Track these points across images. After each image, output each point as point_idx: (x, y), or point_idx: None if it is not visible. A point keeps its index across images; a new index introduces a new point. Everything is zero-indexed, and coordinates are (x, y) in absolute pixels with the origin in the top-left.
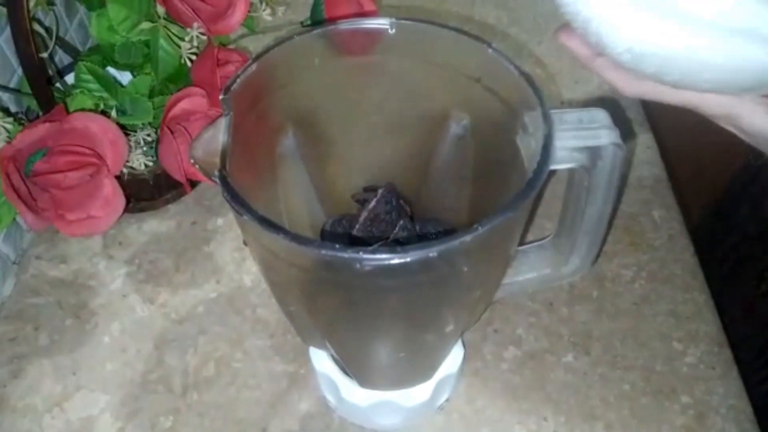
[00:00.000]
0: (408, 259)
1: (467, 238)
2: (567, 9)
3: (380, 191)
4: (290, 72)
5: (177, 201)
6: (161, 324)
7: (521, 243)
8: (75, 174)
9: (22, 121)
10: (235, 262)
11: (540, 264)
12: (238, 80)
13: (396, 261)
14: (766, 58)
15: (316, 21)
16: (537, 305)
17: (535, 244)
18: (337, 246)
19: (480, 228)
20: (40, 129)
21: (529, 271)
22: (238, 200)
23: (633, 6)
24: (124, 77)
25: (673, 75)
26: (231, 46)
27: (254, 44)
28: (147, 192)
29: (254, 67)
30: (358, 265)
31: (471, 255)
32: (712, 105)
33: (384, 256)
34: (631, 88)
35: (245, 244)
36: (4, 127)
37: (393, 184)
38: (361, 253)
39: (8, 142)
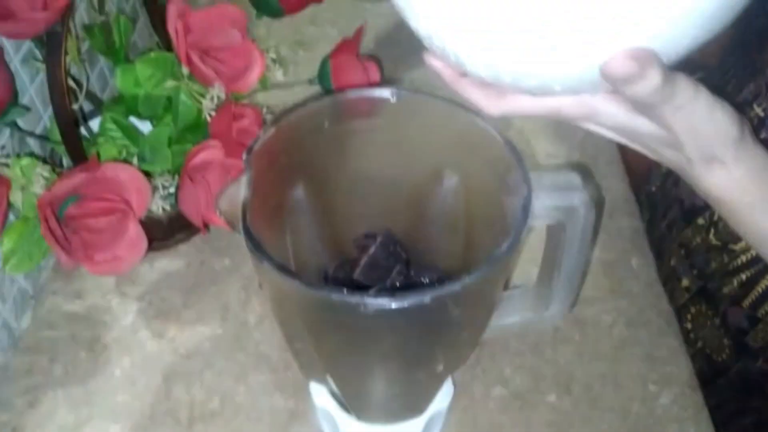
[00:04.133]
0: (405, 304)
1: (456, 287)
2: (421, 35)
3: (379, 238)
4: (303, 134)
5: (187, 241)
6: (170, 358)
7: (506, 287)
8: (104, 218)
9: (53, 167)
10: (240, 301)
11: (523, 308)
12: (259, 142)
13: (394, 305)
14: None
15: (323, 80)
16: (523, 347)
17: (519, 289)
18: (345, 291)
19: (467, 278)
20: (76, 178)
21: (513, 314)
22: (260, 249)
23: (473, 30)
24: (145, 125)
25: (529, 82)
26: (245, 101)
27: (266, 98)
28: (161, 232)
29: (273, 130)
30: (362, 308)
31: (460, 301)
32: (570, 107)
33: (384, 301)
34: (494, 108)
35: (260, 286)
36: (42, 176)
37: (391, 232)
38: (365, 298)
39: (46, 189)
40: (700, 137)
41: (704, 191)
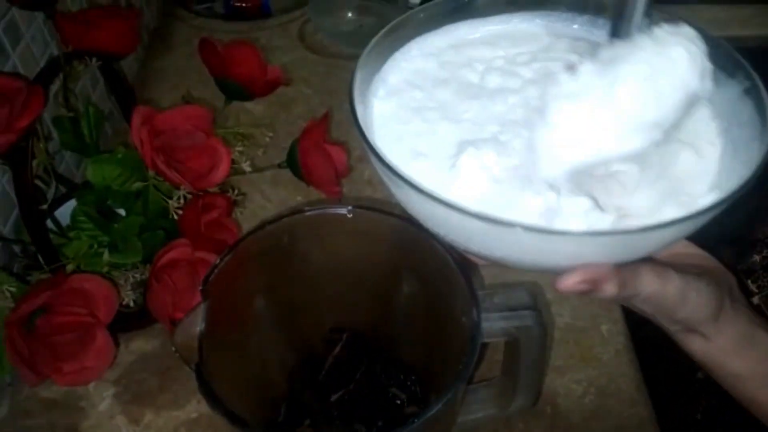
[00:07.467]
0: None
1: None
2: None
3: (345, 337)
4: (262, 252)
5: None
6: None
7: (470, 382)
8: (71, 334)
9: (22, 262)
10: None
11: (487, 404)
12: (216, 271)
13: None
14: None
15: (291, 164)
16: (497, 422)
17: (483, 383)
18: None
19: (416, 421)
20: (43, 296)
21: (477, 411)
22: (212, 397)
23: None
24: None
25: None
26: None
27: (237, 183)
28: (134, 321)
29: (229, 256)
30: None
31: None
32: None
33: None
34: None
35: None
36: (9, 291)
37: (356, 332)
38: None
39: (12, 305)
40: (674, 317)
41: (690, 356)
